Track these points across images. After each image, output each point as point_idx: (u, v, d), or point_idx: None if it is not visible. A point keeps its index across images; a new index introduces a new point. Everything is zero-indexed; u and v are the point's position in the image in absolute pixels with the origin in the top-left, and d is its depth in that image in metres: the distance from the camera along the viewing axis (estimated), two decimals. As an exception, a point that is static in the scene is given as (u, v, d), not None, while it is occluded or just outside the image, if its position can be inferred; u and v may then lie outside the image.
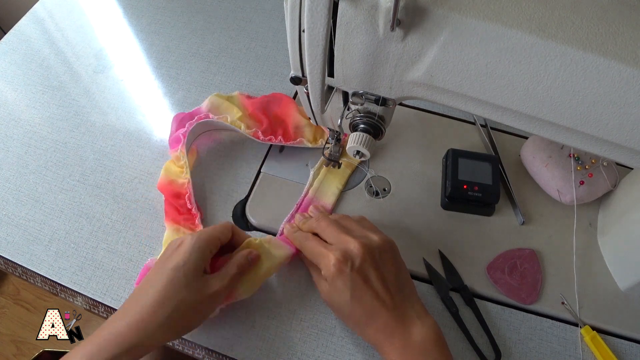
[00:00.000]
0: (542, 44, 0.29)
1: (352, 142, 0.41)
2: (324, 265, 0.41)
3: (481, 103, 0.34)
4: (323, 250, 0.42)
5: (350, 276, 0.40)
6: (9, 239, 0.52)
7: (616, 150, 0.33)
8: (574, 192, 0.52)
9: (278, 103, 0.60)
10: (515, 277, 0.49)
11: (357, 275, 0.40)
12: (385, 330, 0.40)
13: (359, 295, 0.40)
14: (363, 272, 0.40)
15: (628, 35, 0.28)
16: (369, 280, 0.40)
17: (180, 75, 0.66)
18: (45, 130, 0.61)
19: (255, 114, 0.58)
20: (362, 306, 0.40)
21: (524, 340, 0.47)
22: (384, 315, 0.40)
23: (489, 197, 0.53)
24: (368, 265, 0.40)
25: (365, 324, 0.41)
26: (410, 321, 0.40)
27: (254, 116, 0.58)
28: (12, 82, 0.66)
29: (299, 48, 0.35)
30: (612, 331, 0.48)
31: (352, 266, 0.40)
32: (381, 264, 0.41)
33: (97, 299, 0.49)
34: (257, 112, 0.58)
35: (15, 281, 1.33)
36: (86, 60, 0.68)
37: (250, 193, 0.55)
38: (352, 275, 0.40)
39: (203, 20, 0.72)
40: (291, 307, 0.48)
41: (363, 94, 0.38)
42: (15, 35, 0.71)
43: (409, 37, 0.31)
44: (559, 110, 0.31)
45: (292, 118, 0.59)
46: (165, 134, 0.59)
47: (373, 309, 0.40)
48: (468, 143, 0.60)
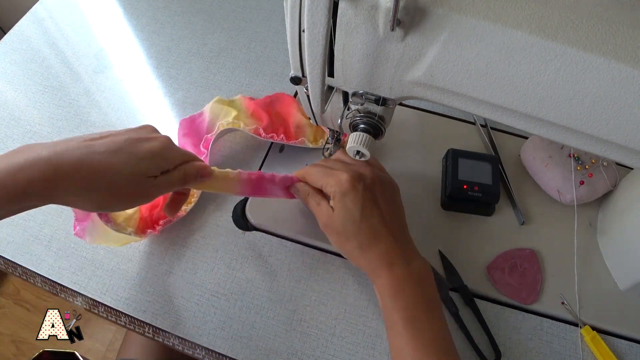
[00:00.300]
0: (542, 44, 0.29)
1: (352, 142, 0.41)
2: (336, 182, 0.40)
3: (481, 103, 0.34)
4: (334, 170, 0.41)
5: (362, 193, 0.40)
6: (9, 239, 0.52)
7: (616, 150, 0.33)
8: (574, 192, 0.52)
9: (280, 102, 0.60)
10: (515, 277, 0.49)
11: (369, 194, 0.40)
12: (386, 257, 0.40)
13: (368, 214, 0.40)
14: (373, 192, 0.40)
15: (628, 35, 0.28)
16: (378, 203, 0.41)
17: (180, 75, 0.66)
18: (45, 130, 0.61)
19: (257, 112, 0.58)
20: (369, 226, 0.40)
21: (524, 340, 0.47)
22: (388, 241, 0.40)
23: (489, 197, 0.53)
24: (378, 189, 0.41)
25: (367, 246, 0.40)
26: (410, 254, 0.41)
27: (256, 114, 0.58)
28: (12, 82, 0.66)
29: (299, 48, 0.35)
30: (612, 331, 0.48)
31: (364, 184, 0.40)
32: (388, 194, 0.42)
33: (97, 299, 0.49)
34: (259, 110, 0.58)
35: (15, 281, 1.33)
36: (86, 60, 0.68)
37: (250, 193, 0.55)
38: (364, 193, 0.40)
39: (203, 20, 0.72)
40: (291, 307, 0.48)
41: (363, 94, 0.38)
42: (15, 35, 0.71)
43: (409, 37, 0.31)
44: (559, 110, 0.31)
45: (293, 117, 0.59)
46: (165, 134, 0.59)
47: (379, 231, 0.40)
48: (468, 143, 0.60)
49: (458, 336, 0.47)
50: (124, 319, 0.48)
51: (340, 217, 0.40)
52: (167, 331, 0.47)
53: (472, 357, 0.46)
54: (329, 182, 0.41)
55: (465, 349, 0.46)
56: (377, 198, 0.41)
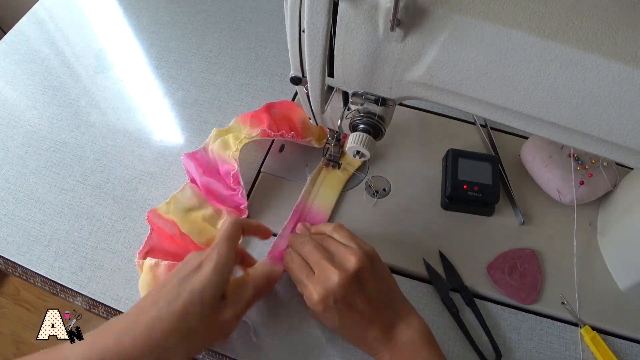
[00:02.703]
0: (542, 44, 0.29)
1: (352, 142, 0.41)
2: (308, 300, 0.41)
3: (481, 103, 0.34)
4: (305, 282, 0.42)
5: (336, 308, 0.40)
6: (9, 239, 0.52)
7: (616, 150, 0.33)
8: (574, 192, 0.52)
9: (280, 104, 0.60)
10: (515, 277, 0.49)
11: (342, 305, 0.40)
12: (375, 343, 0.41)
13: (346, 322, 0.41)
14: (347, 300, 0.40)
15: (628, 35, 0.28)
16: (354, 306, 0.41)
17: (180, 75, 0.66)
18: (45, 130, 0.61)
19: (255, 116, 0.57)
20: (351, 330, 0.42)
21: (524, 340, 0.47)
22: (373, 331, 0.41)
23: (489, 197, 0.53)
24: (351, 292, 0.40)
25: (356, 341, 0.43)
26: (397, 329, 0.41)
27: (255, 119, 0.57)
28: (12, 82, 0.66)
29: (299, 48, 0.35)
30: (612, 331, 0.48)
31: (336, 300, 0.40)
32: (362, 286, 0.41)
33: (97, 299, 0.49)
34: (257, 114, 0.57)
35: (15, 281, 1.33)
36: (86, 60, 0.68)
37: (250, 193, 0.55)
38: (338, 307, 0.40)
39: (203, 20, 0.72)
40: (291, 307, 0.48)
41: (363, 94, 0.38)
42: (15, 35, 0.71)
43: (409, 37, 0.31)
44: (559, 110, 0.31)
45: (297, 115, 0.58)
46: (165, 134, 0.60)
47: (363, 329, 0.41)
48: (468, 143, 0.60)
49: (458, 336, 0.47)
50: (124, 319, 0.48)
51: (324, 323, 0.44)
52: (167, 331, 0.47)
53: (472, 357, 0.46)
54: (304, 295, 0.42)
55: (465, 349, 0.46)
56: (353, 302, 0.41)
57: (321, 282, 0.41)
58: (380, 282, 0.43)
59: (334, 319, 0.41)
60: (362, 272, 0.41)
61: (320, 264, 0.42)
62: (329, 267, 0.41)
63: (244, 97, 0.64)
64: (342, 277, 0.40)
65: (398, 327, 0.41)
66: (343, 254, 0.42)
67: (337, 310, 0.40)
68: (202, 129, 0.61)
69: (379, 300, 0.42)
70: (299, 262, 0.44)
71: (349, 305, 0.41)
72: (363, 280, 0.41)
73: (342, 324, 0.41)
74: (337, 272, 0.40)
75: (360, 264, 0.41)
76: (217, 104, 0.63)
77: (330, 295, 0.40)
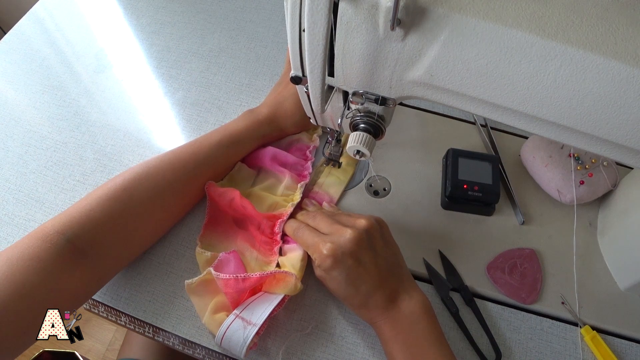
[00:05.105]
0: (542, 44, 0.29)
1: (352, 142, 0.41)
2: (317, 257, 0.42)
3: (481, 103, 0.34)
4: (316, 241, 0.43)
5: (344, 264, 0.41)
6: (9, 239, 0.52)
7: (616, 150, 0.33)
8: (574, 192, 0.52)
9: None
10: (515, 277, 0.49)
11: (351, 261, 0.41)
12: (378, 309, 0.42)
13: (353, 280, 0.42)
14: (356, 255, 0.41)
15: (628, 35, 0.28)
16: (362, 264, 0.42)
17: (180, 75, 0.66)
18: (45, 130, 0.61)
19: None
20: (357, 290, 0.42)
21: (524, 340, 0.47)
22: (377, 296, 0.42)
23: (489, 197, 0.53)
24: (360, 249, 0.42)
25: (359, 304, 0.43)
26: (400, 298, 0.42)
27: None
28: (12, 82, 0.66)
29: (299, 48, 0.35)
30: (612, 331, 0.48)
31: (345, 254, 0.41)
32: (372, 245, 0.43)
33: (97, 299, 0.49)
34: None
35: (15, 281, 1.32)
36: (86, 60, 0.68)
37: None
38: (346, 263, 0.41)
39: (203, 20, 0.72)
40: (291, 307, 0.48)
41: (363, 93, 0.38)
42: (15, 35, 0.71)
43: (409, 36, 0.31)
44: (559, 110, 0.31)
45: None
46: (165, 134, 0.59)
47: (367, 291, 0.42)
48: (468, 143, 0.60)
49: (458, 336, 0.47)
50: (124, 318, 0.48)
51: (329, 284, 0.44)
52: (167, 331, 0.47)
53: (472, 357, 0.46)
54: (313, 255, 0.44)
55: (465, 349, 0.46)
56: (361, 259, 0.42)
57: (332, 239, 0.42)
58: (388, 247, 0.44)
59: (341, 277, 0.42)
60: (372, 232, 0.43)
61: (333, 227, 0.44)
62: (341, 227, 0.43)
63: (244, 97, 0.64)
64: (354, 232, 0.42)
65: (400, 297, 0.42)
66: (354, 219, 0.44)
67: (345, 267, 0.41)
68: (202, 129, 0.61)
69: (386, 265, 0.43)
70: (310, 229, 0.45)
71: (357, 261, 0.41)
72: (373, 240, 0.43)
73: (348, 282, 0.42)
74: (349, 229, 0.42)
75: (371, 224, 0.43)
76: (217, 104, 0.63)
77: (339, 248, 0.41)
